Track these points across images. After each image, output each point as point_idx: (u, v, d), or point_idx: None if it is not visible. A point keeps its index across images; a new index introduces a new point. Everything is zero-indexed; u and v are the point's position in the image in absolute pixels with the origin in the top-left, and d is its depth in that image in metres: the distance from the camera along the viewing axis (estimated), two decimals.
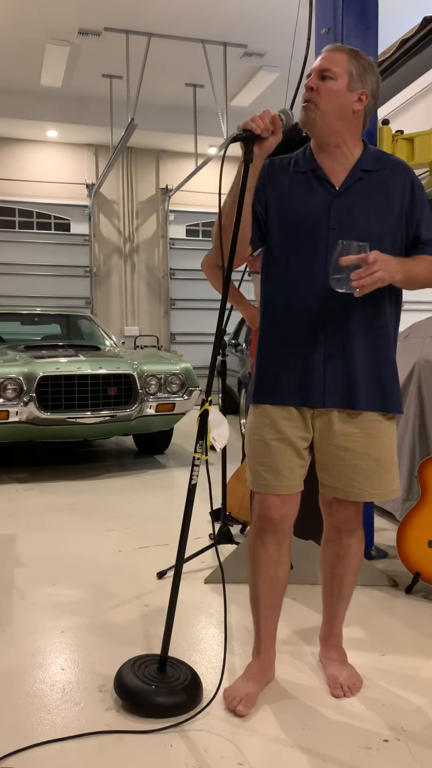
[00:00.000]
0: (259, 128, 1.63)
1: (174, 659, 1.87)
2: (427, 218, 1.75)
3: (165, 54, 7.37)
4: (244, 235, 1.74)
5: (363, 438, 1.73)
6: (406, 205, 1.72)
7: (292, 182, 1.76)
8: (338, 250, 1.55)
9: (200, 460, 1.75)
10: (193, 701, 1.74)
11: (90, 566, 2.88)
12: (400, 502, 3.28)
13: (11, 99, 8.65)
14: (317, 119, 1.67)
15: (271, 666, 1.89)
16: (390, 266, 1.59)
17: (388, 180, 1.73)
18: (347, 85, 1.66)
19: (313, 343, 1.71)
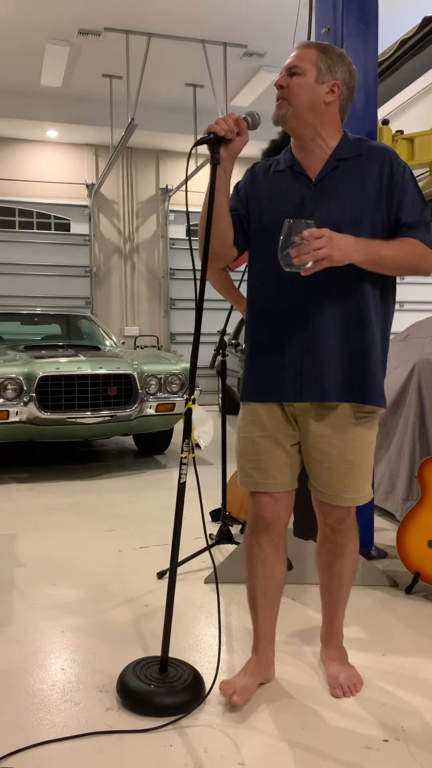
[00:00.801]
0: (223, 130, 1.66)
1: (175, 660, 1.87)
2: (409, 200, 1.71)
3: (165, 54, 7.37)
4: (225, 237, 1.76)
5: (338, 441, 1.72)
6: (385, 187, 1.70)
7: (272, 182, 1.78)
8: (285, 229, 1.53)
9: (188, 459, 1.75)
10: (196, 700, 1.74)
11: (90, 566, 2.88)
12: (400, 502, 3.28)
13: (11, 99, 8.65)
14: (288, 115, 1.69)
15: (270, 664, 1.89)
16: (342, 244, 1.55)
17: (364, 165, 1.71)
18: (315, 79, 1.68)
19: (291, 337, 1.71)
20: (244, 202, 1.81)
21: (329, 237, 1.53)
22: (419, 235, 1.70)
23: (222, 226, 1.74)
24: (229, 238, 1.78)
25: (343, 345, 1.68)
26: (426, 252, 1.71)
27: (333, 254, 1.53)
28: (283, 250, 1.53)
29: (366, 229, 1.67)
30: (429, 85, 3.74)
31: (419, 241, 1.69)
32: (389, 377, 3.65)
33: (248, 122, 1.72)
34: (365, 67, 2.75)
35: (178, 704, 1.70)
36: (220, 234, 1.74)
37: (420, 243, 1.69)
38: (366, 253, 1.61)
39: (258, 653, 1.86)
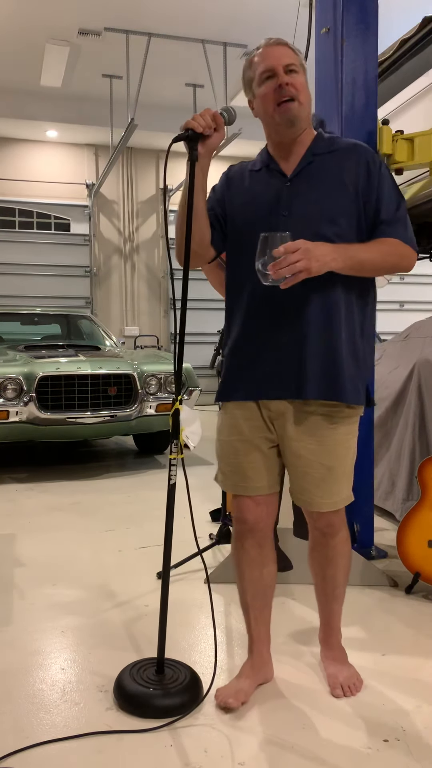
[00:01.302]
0: (200, 126, 1.64)
1: (172, 660, 1.87)
2: (386, 196, 1.69)
3: (165, 54, 7.37)
4: (203, 236, 1.74)
5: (315, 445, 1.69)
6: (362, 184, 1.67)
7: (249, 182, 1.77)
8: (260, 243, 1.52)
9: (176, 460, 1.74)
10: (194, 701, 1.74)
11: (90, 566, 2.88)
12: (400, 502, 3.28)
13: (11, 99, 8.65)
14: (301, 115, 1.67)
15: (266, 665, 1.88)
16: (319, 255, 1.53)
17: (340, 160, 1.70)
18: (305, 77, 1.69)
19: (266, 335, 1.69)
20: (222, 202, 1.79)
21: (305, 249, 1.51)
22: (397, 232, 1.68)
23: (199, 225, 1.72)
24: (206, 237, 1.76)
25: (318, 343, 1.66)
26: (405, 250, 1.69)
27: (311, 266, 1.52)
28: (259, 265, 1.53)
29: (343, 225, 1.65)
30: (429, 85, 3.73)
31: (398, 240, 1.67)
32: (389, 377, 3.66)
33: (225, 117, 1.70)
34: (365, 67, 2.75)
35: (175, 706, 1.70)
36: (197, 233, 1.72)
37: (399, 242, 1.67)
38: (344, 260, 1.59)
39: (253, 655, 1.86)
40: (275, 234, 1.52)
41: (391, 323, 8.59)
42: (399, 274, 10.46)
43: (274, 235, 1.52)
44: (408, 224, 1.71)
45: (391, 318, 9.61)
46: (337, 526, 1.80)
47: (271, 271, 1.51)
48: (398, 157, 2.81)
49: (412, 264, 1.72)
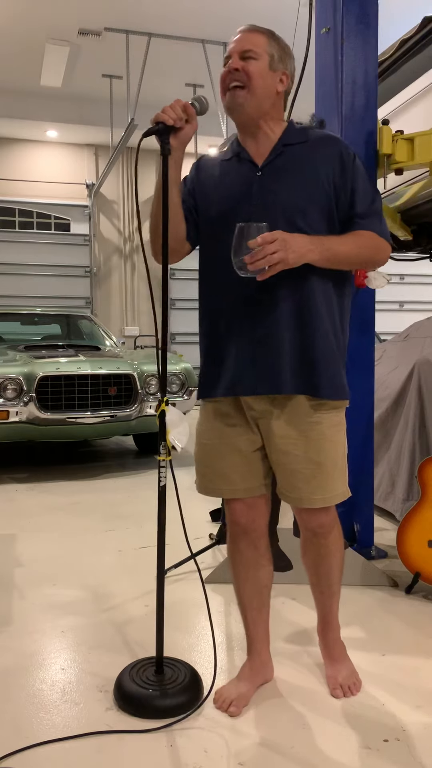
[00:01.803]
0: (171, 119, 1.60)
1: (171, 659, 1.87)
2: (361, 189, 1.66)
3: (165, 54, 7.37)
4: (177, 231, 1.71)
5: (302, 441, 1.66)
6: (336, 176, 1.64)
7: (220, 171, 1.74)
8: (236, 234, 1.48)
9: (166, 462, 1.73)
10: (195, 700, 1.74)
11: (90, 566, 2.88)
12: (401, 502, 3.28)
13: (11, 99, 8.65)
14: (246, 103, 1.63)
15: (265, 666, 1.87)
16: (295, 246, 1.51)
17: (312, 151, 1.66)
18: (269, 65, 1.63)
19: (242, 329, 1.65)
20: (192, 193, 1.76)
21: (282, 240, 1.49)
22: (372, 225, 1.65)
23: (174, 220, 1.69)
24: (181, 231, 1.72)
25: (294, 337, 1.63)
26: (380, 243, 1.67)
27: (287, 257, 1.50)
28: (236, 255, 1.49)
29: (314, 216, 1.62)
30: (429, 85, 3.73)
31: (373, 233, 1.65)
32: (389, 377, 3.66)
33: (196, 107, 1.66)
34: (365, 67, 2.75)
35: (174, 706, 1.70)
36: (171, 228, 1.68)
37: (374, 234, 1.65)
38: (321, 252, 1.56)
39: (252, 656, 1.86)
40: (252, 224, 1.49)
41: (391, 323, 8.59)
42: (399, 274, 10.49)
43: (250, 226, 1.48)
44: (382, 218, 1.69)
45: (391, 318, 9.61)
46: (329, 525, 1.77)
47: (247, 262, 1.47)
48: (398, 157, 2.80)
49: (386, 257, 1.70)
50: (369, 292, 2.82)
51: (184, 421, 1.75)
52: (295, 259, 1.52)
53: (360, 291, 2.80)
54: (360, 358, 2.84)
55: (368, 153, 2.78)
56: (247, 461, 1.73)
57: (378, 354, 3.92)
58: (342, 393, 1.69)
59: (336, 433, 1.70)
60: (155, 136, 1.63)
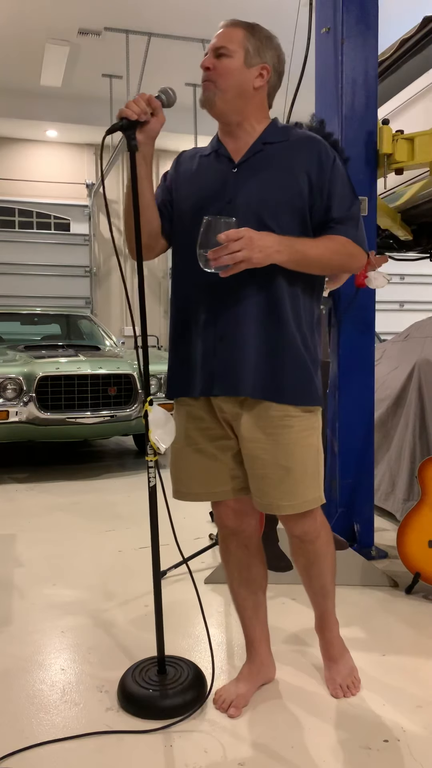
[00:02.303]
0: (135, 113, 1.57)
1: (173, 658, 1.87)
2: (338, 193, 1.60)
3: (165, 54, 7.37)
4: (151, 227, 1.67)
5: (270, 446, 1.59)
6: (313, 178, 1.58)
7: (197, 166, 1.70)
8: (203, 227, 1.43)
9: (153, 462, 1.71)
10: (197, 699, 1.74)
11: (90, 566, 2.87)
12: (401, 502, 3.28)
13: (11, 99, 8.65)
14: (216, 99, 1.61)
15: (265, 666, 1.86)
16: (262, 245, 1.46)
17: (291, 151, 1.61)
18: (244, 61, 1.59)
19: (205, 326, 1.61)
20: (170, 189, 1.73)
21: (248, 238, 1.44)
22: (348, 231, 1.60)
23: (147, 217, 1.65)
24: (155, 228, 1.69)
25: (258, 340, 1.57)
26: (355, 250, 1.61)
27: (252, 256, 1.44)
28: (200, 249, 1.44)
29: (285, 218, 1.57)
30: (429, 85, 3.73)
31: (348, 239, 1.59)
32: (389, 377, 3.66)
33: (162, 100, 1.62)
34: (365, 67, 2.75)
35: (178, 706, 1.70)
36: (145, 224, 1.65)
37: (348, 241, 1.60)
38: (289, 254, 1.51)
39: (251, 657, 1.85)
40: (219, 218, 1.44)
41: (391, 323, 8.58)
42: (399, 274, 10.49)
43: (218, 220, 1.43)
44: (360, 224, 1.64)
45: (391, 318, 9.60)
46: (313, 532, 1.71)
47: (211, 257, 1.42)
48: (398, 157, 2.81)
49: (360, 265, 1.65)
50: (369, 292, 2.82)
51: (169, 421, 1.71)
52: (260, 259, 1.47)
53: (360, 291, 2.80)
54: (360, 358, 2.85)
55: (368, 153, 2.78)
56: (222, 465, 1.68)
57: (378, 354, 3.92)
58: (309, 399, 1.62)
59: (307, 438, 1.63)
60: (121, 132, 1.59)
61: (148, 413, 1.68)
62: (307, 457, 1.63)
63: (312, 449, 1.64)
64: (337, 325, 2.84)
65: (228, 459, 1.68)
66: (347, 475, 2.85)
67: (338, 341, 2.83)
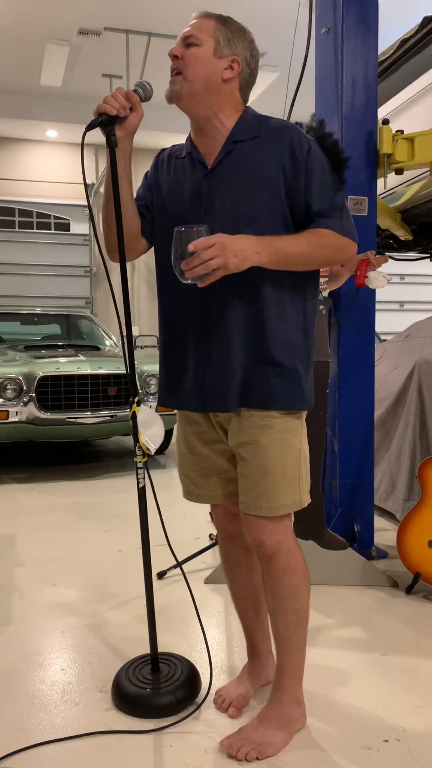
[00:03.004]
0: (114, 108, 1.52)
1: (167, 655, 1.87)
2: (316, 184, 1.49)
3: (165, 54, 7.35)
4: (130, 227, 1.62)
5: (252, 447, 1.55)
6: (288, 174, 1.49)
7: (174, 170, 1.63)
8: (175, 238, 1.38)
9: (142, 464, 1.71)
10: (191, 696, 1.74)
11: (90, 566, 2.87)
12: (401, 502, 3.28)
13: (11, 99, 8.65)
14: (183, 90, 1.53)
15: (265, 667, 1.84)
16: (238, 249, 1.38)
17: (263, 148, 1.51)
18: (213, 52, 1.52)
19: (194, 341, 1.56)
20: (151, 189, 1.67)
21: (221, 245, 1.37)
22: (331, 223, 1.50)
23: (126, 216, 1.60)
24: (134, 227, 1.62)
25: (243, 352, 1.52)
26: (339, 242, 1.51)
27: (227, 263, 1.38)
28: (175, 261, 1.39)
29: (265, 224, 1.49)
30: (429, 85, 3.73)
31: (331, 231, 1.49)
32: (389, 377, 3.66)
33: (140, 94, 1.58)
34: (365, 67, 2.75)
35: (171, 703, 1.70)
36: (124, 225, 1.60)
37: (332, 233, 1.49)
38: (269, 254, 1.43)
39: (251, 658, 1.84)
40: (191, 228, 1.38)
41: (391, 323, 8.58)
42: (399, 274, 10.49)
43: (189, 229, 1.38)
44: (345, 212, 1.53)
45: (391, 318, 9.62)
46: (270, 546, 1.56)
47: (184, 268, 1.37)
48: (398, 157, 2.81)
49: (349, 255, 1.55)
50: (369, 292, 2.82)
51: (157, 422, 1.69)
52: (237, 264, 1.39)
53: (360, 291, 2.81)
54: (360, 358, 2.85)
55: (368, 153, 2.78)
56: (217, 468, 1.67)
57: (378, 354, 3.92)
58: (293, 404, 1.55)
59: (287, 440, 1.56)
60: (100, 128, 1.55)
61: (137, 414, 1.66)
62: (286, 459, 1.55)
63: (292, 450, 1.57)
64: (337, 325, 2.84)
65: (223, 462, 1.67)
66: (347, 475, 2.85)
67: (338, 341, 2.83)
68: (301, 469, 1.59)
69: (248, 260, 1.41)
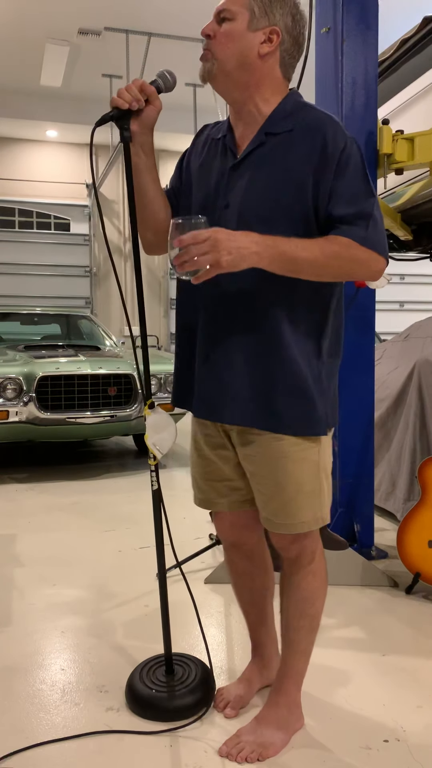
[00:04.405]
0: (126, 102, 1.42)
1: (180, 656, 1.87)
2: (345, 189, 1.34)
3: (165, 54, 7.37)
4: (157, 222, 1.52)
5: (261, 458, 1.46)
6: (314, 173, 1.34)
7: (206, 152, 1.52)
8: (171, 229, 1.28)
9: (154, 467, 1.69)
10: (204, 700, 1.73)
11: (90, 566, 2.87)
12: (401, 502, 3.28)
13: (11, 99, 8.66)
14: (214, 70, 1.40)
15: (268, 669, 1.81)
16: (233, 247, 1.26)
17: (293, 143, 1.37)
18: (248, 24, 1.37)
19: (198, 343, 1.49)
20: (180, 177, 1.56)
21: (214, 240, 1.24)
22: (353, 232, 1.33)
23: (152, 210, 1.50)
24: (162, 222, 1.50)
25: (246, 365, 1.42)
26: (360, 254, 1.33)
27: (220, 260, 1.25)
28: (170, 253, 1.29)
29: (282, 228, 1.35)
30: (429, 85, 3.73)
31: (352, 240, 1.33)
32: (389, 377, 3.66)
33: (159, 85, 1.47)
34: (365, 67, 2.75)
35: (184, 707, 1.68)
36: (149, 220, 1.50)
37: (352, 243, 1.33)
38: (271, 256, 1.29)
39: (254, 659, 1.83)
40: (188, 219, 1.28)
41: (391, 323, 8.59)
42: (399, 274, 10.50)
43: (187, 221, 1.27)
44: (373, 223, 1.36)
45: (391, 318, 9.62)
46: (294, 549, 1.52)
47: (175, 263, 1.27)
48: (398, 157, 2.81)
49: (374, 271, 1.37)
50: (369, 292, 2.82)
51: (169, 426, 1.63)
52: (230, 262, 1.26)
53: (360, 291, 2.80)
54: (360, 358, 2.85)
55: (368, 153, 2.78)
56: (222, 475, 1.60)
57: (378, 354, 3.92)
58: (306, 429, 1.43)
59: (301, 451, 1.44)
60: (113, 122, 1.45)
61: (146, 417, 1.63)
62: (301, 475, 1.45)
63: (308, 464, 1.46)
64: None
65: (228, 470, 1.59)
66: (347, 475, 2.85)
67: None
68: (322, 484, 1.48)
69: (245, 260, 1.28)
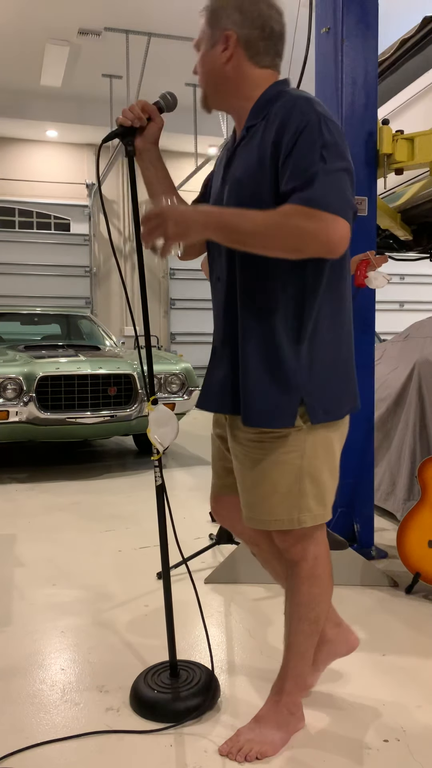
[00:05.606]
0: (128, 120, 1.58)
1: (185, 662, 1.87)
2: (294, 164, 1.29)
3: (165, 54, 7.37)
4: None
5: (242, 455, 1.50)
6: (272, 156, 1.35)
7: (217, 163, 1.63)
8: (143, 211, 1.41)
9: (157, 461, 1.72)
10: (209, 702, 1.73)
11: (90, 566, 2.88)
12: (401, 502, 3.28)
13: (11, 99, 8.66)
14: (204, 97, 1.56)
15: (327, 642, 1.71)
16: (181, 219, 1.31)
17: (264, 131, 1.40)
18: (209, 45, 1.47)
19: (214, 335, 1.58)
20: (206, 194, 1.66)
21: (162, 214, 1.31)
22: (297, 197, 1.26)
23: None
24: None
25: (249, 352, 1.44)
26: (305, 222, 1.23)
27: (167, 232, 1.31)
28: None
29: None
30: (429, 85, 3.73)
31: (296, 206, 1.25)
32: (389, 377, 3.66)
33: (160, 105, 1.65)
34: (365, 67, 2.75)
35: (189, 708, 1.68)
36: None
37: (296, 208, 1.25)
38: (215, 226, 1.31)
39: None
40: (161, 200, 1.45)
41: (391, 323, 8.60)
42: (399, 274, 10.50)
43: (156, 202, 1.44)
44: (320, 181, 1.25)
45: (391, 318, 9.63)
46: (295, 552, 1.53)
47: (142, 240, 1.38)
48: (398, 157, 2.81)
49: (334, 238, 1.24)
50: (369, 292, 2.82)
51: (171, 421, 1.67)
52: (177, 233, 1.31)
53: (360, 291, 2.80)
54: (360, 358, 2.84)
55: (368, 153, 2.78)
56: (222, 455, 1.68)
57: (378, 354, 3.92)
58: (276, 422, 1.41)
59: (282, 455, 1.44)
60: (119, 138, 1.63)
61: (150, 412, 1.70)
62: (280, 476, 1.44)
63: (288, 468, 1.44)
64: None
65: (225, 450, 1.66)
66: (347, 475, 2.85)
67: None
68: (303, 488, 1.46)
69: (190, 228, 1.32)
